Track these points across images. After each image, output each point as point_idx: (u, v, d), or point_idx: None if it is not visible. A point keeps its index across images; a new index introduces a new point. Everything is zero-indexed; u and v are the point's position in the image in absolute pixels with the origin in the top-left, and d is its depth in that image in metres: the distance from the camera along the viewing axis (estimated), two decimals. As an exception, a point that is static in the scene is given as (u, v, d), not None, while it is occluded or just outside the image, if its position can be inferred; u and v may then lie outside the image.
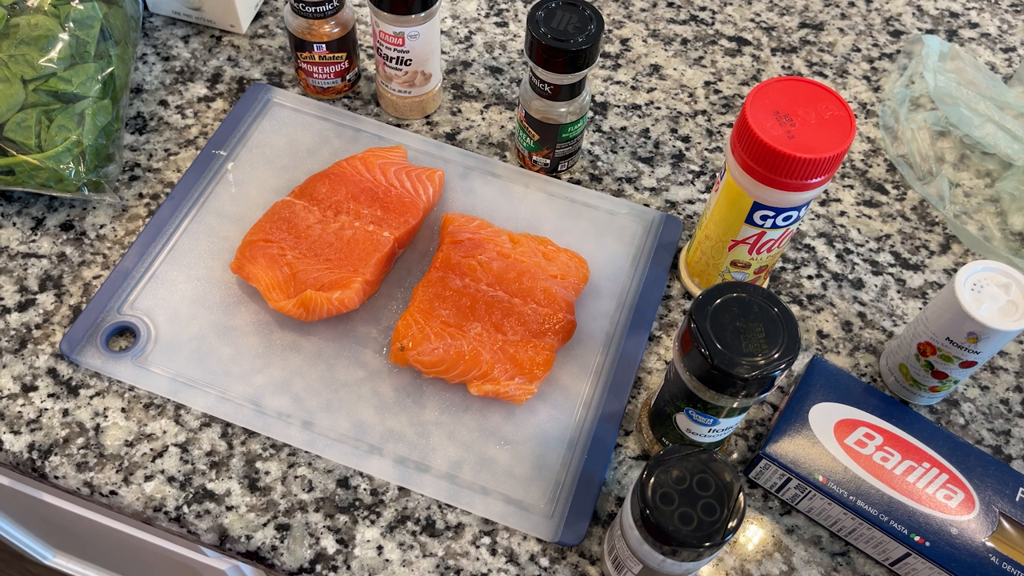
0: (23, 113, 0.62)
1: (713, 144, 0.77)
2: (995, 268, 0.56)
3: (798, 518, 0.59)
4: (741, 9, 0.87)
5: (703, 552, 0.46)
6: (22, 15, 0.63)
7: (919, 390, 0.62)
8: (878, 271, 0.70)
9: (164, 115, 0.75)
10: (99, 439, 0.59)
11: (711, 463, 0.47)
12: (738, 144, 0.55)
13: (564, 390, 0.62)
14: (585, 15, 0.63)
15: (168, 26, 0.81)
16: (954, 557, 0.53)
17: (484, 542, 0.56)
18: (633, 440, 0.61)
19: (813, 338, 0.66)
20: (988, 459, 0.57)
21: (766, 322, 0.48)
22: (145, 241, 0.66)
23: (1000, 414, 0.64)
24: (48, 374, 0.61)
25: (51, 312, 0.64)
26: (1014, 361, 0.66)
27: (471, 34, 0.83)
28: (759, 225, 0.58)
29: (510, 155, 0.75)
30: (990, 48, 0.86)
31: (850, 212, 0.73)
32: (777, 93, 0.55)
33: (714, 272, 0.64)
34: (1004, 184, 0.73)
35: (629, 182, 0.74)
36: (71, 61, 0.64)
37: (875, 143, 0.78)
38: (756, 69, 0.82)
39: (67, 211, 0.69)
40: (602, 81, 0.80)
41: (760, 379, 0.47)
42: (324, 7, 0.69)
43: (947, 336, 0.57)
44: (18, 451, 0.58)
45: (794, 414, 0.58)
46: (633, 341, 0.64)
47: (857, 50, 0.85)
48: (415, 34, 0.68)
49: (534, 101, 0.67)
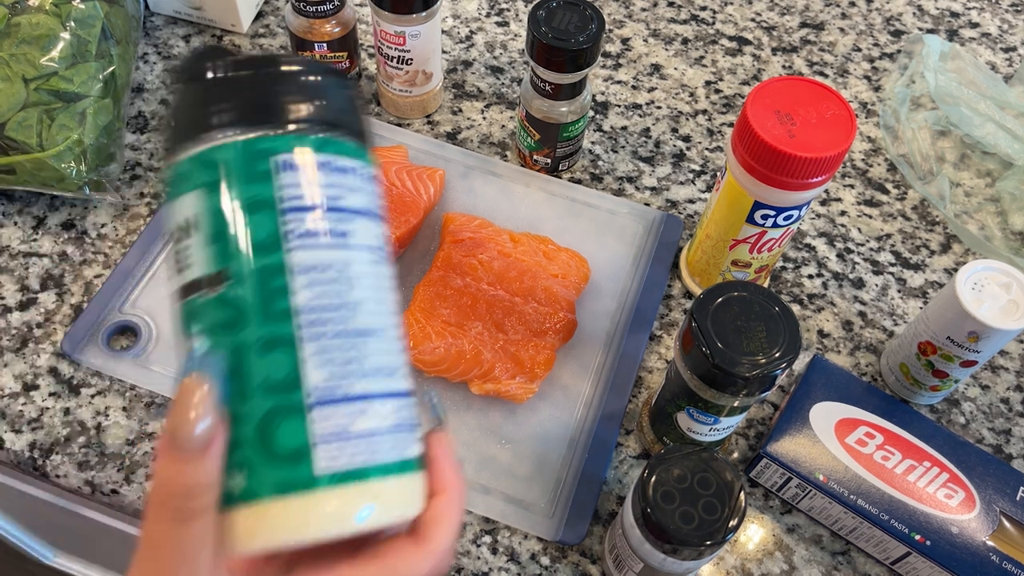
0: (24, 112, 0.62)
1: (714, 144, 0.77)
2: (996, 267, 0.56)
3: (799, 517, 0.59)
4: (742, 9, 0.87)
5: (704, 551, 0.46)
6: (23, 14, 0.63)
7: (920, 389, 0.62)
8: (879, 270, 0.70)
9: (165, 114, 0.75)
10: (100, 438, 0.59)
11: (712, 462, 0.47)
12: (739, 143, 0.55)
13: (565, 389, 0.62)
14: (586, 14, 0.63)
15: (169, 25, 0.81)
16: (955, 556, 0.53)
17: (485, 541, 0.56)
18: (634, 439, 0.61)
19: (814, 337, 0.66)
20: (989, 458, 0.57)
21: (767, 321, 0.48)
22: (146, 240, 0.66)
23: (1001, 413, 0.64)
24: (49, 373, 0.61)
25: (52, 311, 0.64)
26: (1015, 360, 0.66)
27: (472, 33, 0.83)
28: (760, 224, 0.58)
29: (511, 154, 0.75)
30: (991, 48, 0.86)
31: (851, 211, 0.73)
32: (778, 92, 0.55)
33: (715, 271, 0.64)
34: (1004, 184, 0.73)
35: (630, 181, 0.74)
36: (72, 60, 0.64)
37: (876, 143, 0.78)
38: (757, 69, 0.82)
39: (68, 210, 0.69)
40: (603, 80, 0.80)
41: (761, 378, 0.47)
42: (325, 6, 0.69)
43: (948, 335, 0.57)
44: (19, 450, 0.58)
45: (795, 413, 0.58)
46: (634, 340, 0.64)
47: (858, 50, 0.85)
48: (416, 33, 0.68)
49: (535, 100, 0.67)
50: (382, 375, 0.30)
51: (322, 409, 0.28)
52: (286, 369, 0.28)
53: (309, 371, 0.28)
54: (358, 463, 0.29)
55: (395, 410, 0.31)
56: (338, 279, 0.29)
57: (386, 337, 0.31)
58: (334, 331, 0.29)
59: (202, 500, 0.28)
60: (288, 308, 0.28)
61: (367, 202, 0.31)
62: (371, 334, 0.30)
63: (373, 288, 0.30)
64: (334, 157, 0.29)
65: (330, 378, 0.29)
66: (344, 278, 0.29)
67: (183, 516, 0.28)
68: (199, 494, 0.28)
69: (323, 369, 0.28)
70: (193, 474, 0.28)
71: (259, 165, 0.28)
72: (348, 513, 0.29)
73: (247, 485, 0.28)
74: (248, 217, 0.28)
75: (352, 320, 0.29)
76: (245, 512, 0.29)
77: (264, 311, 0.28)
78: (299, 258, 0.28)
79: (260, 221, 0.28)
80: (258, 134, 0.28)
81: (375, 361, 0.30)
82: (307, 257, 0.28)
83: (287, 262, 0.28)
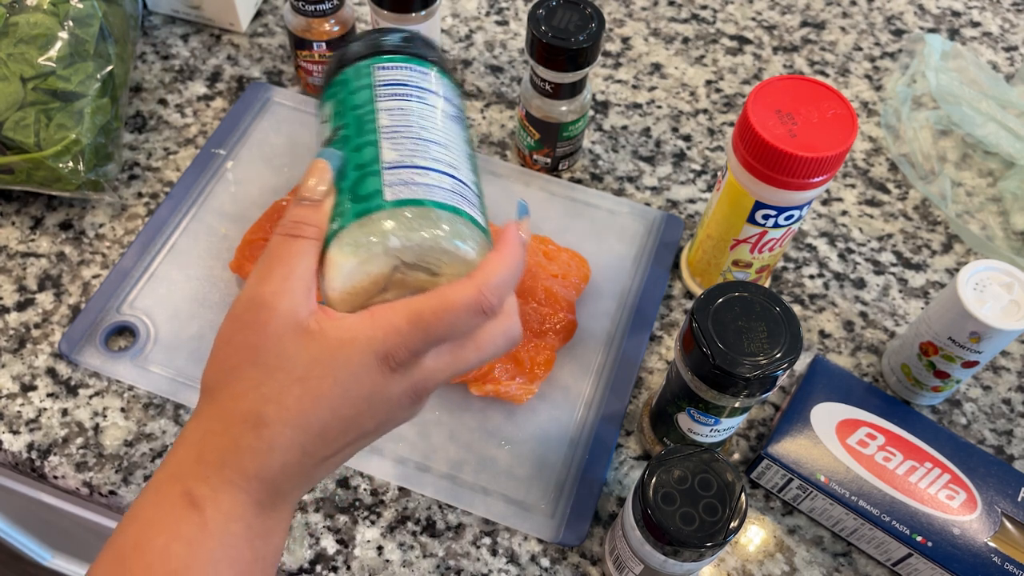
0: (22, 112, 0.62)
1: (714, 143, 0.76)
2: (997, 268, 0.56)
3: (800, 518, 0.58)
4: (742, 8, 0.87)
5: (705, 552, 0.46)
6: (21, 13, 0.63)
7: (921, 390, 0.62)
8: (880, 271, 0.70)
9: (163, 114, 0.75)
10: (98, 439, 0.59)
11: (713, 463, 0.47)
12: (740, 143, 0.55)
13: (565, 390, 0.61)
14: (586, 13, 0.63)
15: (167, 24, 0.81)
16: (956, 557, 0.53)
17: (485, 542, 0.56)
18: (634, 440, 0.61)
19: (815, 338, 0.66)
20: (990, 459, 0.57)
21: (768, 322, 0.48)
22: (144, 240, 0.66)
23: (1002, 414, 0.63)
24: (47, 374, 0.61)
25: (50, 312, 0.64)
26: (1016, 361, 0.66)
27: (471, 32, 0.83)
28: (761, 224, 0.58)
29: (511, 154, 0.74)
30: (992, 47, 0.86)
31: (852, 211, 0.73)
32: (779, 92, 0.55)
33: (716, 271, 0.64)
34: (1006, 183, 0.73)
35: (630, 181, 0.73)
36: (70, 60, 0.64)
37: (877, 142, 0.78)
38: (758, 68, 0.82)
39: (66, 210, 0.69)
40: (603, 80, 0.80)
41: (762, 379, 0.47)
42: (324, 5, 0.69)
43: (949, 336, 0.57)
44: (17, 451, 0.58)
45: (796, 414, 0.58)
46: (634, 341, 0.63)
47: (859, 49, 0.84)
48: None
49: (535, 100, 0.67)
50: (444, 163, 0.41)
51: (392, 170, 0.40)
52: (371, 155, 0.40)
53: (384, 153, 0.40)
54: (416, 195, 0.39)
55: (454, 184, 0.41)
56: (408, 113, 0.42)
57: (451, 149, 0.42)
58: (404, 135, 0.41)
59: (308, 230, 0.39)
60: (374, 127, 0.41)
61: (433, 86, 0.44)
62: (437, 143, 0.42)
63: (439, 126, 0.43)
64: (403, 64, 0.44)
65: (400, 157, 0.40)
66: (414, 114, 0.42)
67: (293, 233, 0.38)
68: (307, 224, 0.39)
69: (394, 152, 0.40)
70: (306, 213, 0.39)
71: (364, 71, 0.44)
72: (408, 227, 0.38)
73: (339, 224, 0.39)
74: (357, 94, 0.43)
75: (419, 134, 0.41)
76: (335, 242, 0.39)
77: (359, 131, 0.41)
78: (382, 105, 0.42)
79: (362, 94, 0.43)
80: (362, 61, 0.44)
81: (438, 155, 0.41)
82: (387, 104, 0.42)
83: (375, 107, 0.42)
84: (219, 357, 0.38)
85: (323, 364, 0.36)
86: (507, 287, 0.39)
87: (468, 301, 0.37)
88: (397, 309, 0.37)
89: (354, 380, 0.37)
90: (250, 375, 0.37)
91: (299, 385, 0.36)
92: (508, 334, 0.41)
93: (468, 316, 0.38)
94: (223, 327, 0.38)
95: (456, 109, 0.45)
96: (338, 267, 0.39)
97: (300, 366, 0.36)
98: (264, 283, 0.38)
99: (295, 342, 0.37)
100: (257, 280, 0.38)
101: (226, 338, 0.38)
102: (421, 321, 0.37)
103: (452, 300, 0.37)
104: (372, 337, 0.37)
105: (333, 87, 0.45)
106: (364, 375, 0.37)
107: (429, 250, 0.39)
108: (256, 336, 0.37)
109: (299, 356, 0.37)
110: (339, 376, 0.37)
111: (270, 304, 0.37)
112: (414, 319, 0.37)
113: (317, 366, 0.36)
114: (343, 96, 0.44)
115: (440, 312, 0.37)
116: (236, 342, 0.38)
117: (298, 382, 0.36)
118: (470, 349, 0.40)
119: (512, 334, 0.41)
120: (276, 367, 0.37)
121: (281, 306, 0.37)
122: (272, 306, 0.37)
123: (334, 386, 0.36)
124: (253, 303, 0.38)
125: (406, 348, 0.37)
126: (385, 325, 0.37)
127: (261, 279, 0.38)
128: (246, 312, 0.38)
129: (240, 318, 0.38)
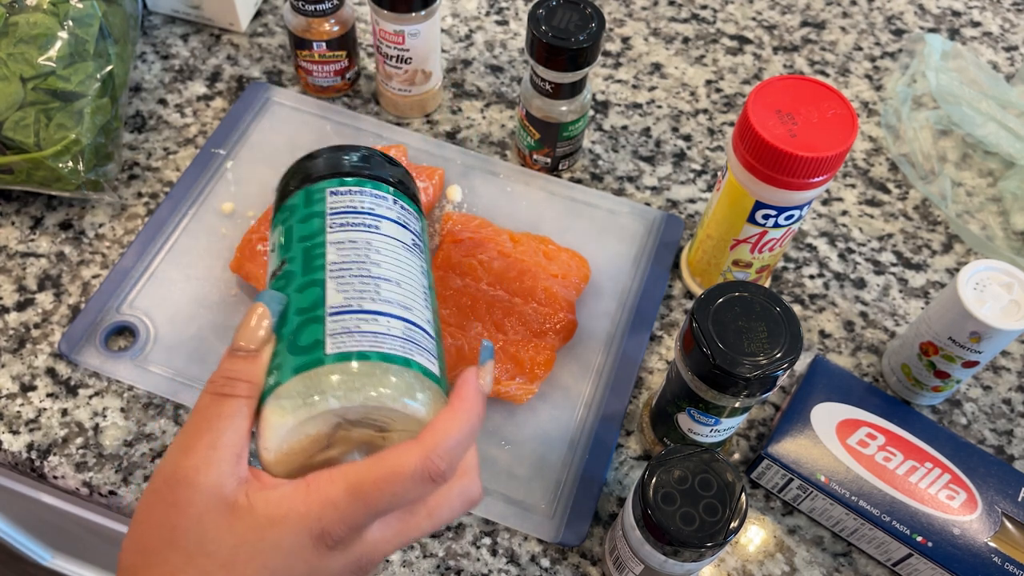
0: (22, 112, 0.62)
1: (714, 143, 0.76)
2: (998, 267, 0.56)
3: (800, 518, 0.58)
4: (742, 8, 0.87)
5: (705, 552, 0.46)
6: (21, 13, 0.63)
7: (921, 390, 0.62)
8: (880, 271, 0.70)
9: (163, 114, 0.75)
10: (98, 439, 0.59)
11: (713, 463, 0.47)
12: (740, 143, 0.55)
13: (565, 390, 0.61)
14: (586, 13, 0.63)
15: (167, 24, 0.81)
16: (956, 557, 0.53)
17: (485, 543, 0.56)
18: (634, 440, 0.61)
19: (815, 338, 0.66)
20: (990, 459, 0.57)
21: (768, 322, 0.48)
22: (144, 240, 0.66)
23: (1002, 414, 0.63)
24: (47, 374, 0.61)
25: (50, 311, 0.64)
26: (1016, 361, 0.66)
27: (471, 32, 0.83)
28: (761, 224, 0.58)
29: (511, 154, 0.74)
30: (992, 47, 0.86)
31: (852, 211, 0.73)
32: (779, 92, 0.55)
33: (716, 271, 0.64)
34: (1006, 183, 0.73)
35: (630, 181, 0.73)
36: (70, 59, 0.64)
37: (877, 142, 0.78)
38: (758, 68, 0.82)
39: (66, 210, 0.69)
40: (603, 80, 0.80)
41: (762, 379, 0.47)
42: (324, 5, 0.69)
43: (949, 336, 0.57)
44: (17, 451, 0.58)
45: (796, 414, 0.58)
46: (634, 341, 0.63)
47: (859, 49, 0.84)
48: (415, 32, 0.68)
49: (535, 100, 0.67)
50: (395, 305, 0.38)
51: (337, 316, 0.37)
52: (314, 298, 0.37)
53: (329, 296, 0.37)
54: (361, 347, 0.36)
55: (405, 329, 0.38)
56: (359, 247, 0.39)
57: (405, 286, 0.39)
58: (353, 274, 0.38)
59: (240, 387, 0.36)
60: (322, 263, 0.39)
61: (390, 212, 0.42)
62: (388, 280, 0.39)
63: (392, 260, 0.40)
64: (358, 188, 0.42)
65: (346, 300, 0.37)
66: (365, 248, 0.39)
67: (223, 392, 0.35)
68: (240, 380, 0.36)
69: (340, 294, 0.37)
70: (240, 367, 0.36)
71: (316, 196, 0.42)
72: (350, 385, 0.35)
73: (276, 379, 0.36)
74: (308, 223, 0.41)
75: (370, 271, 0.39)
76: (271, 399, 0.36)
77: (305, 267, 0.39)
78: (332, 237, 0.40)
79: (313, 223, 0.41)
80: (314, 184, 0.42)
81: (389, 295, 0.38)
82: (337, 236, 0.40)
83: (325, 240, 0.39)
84: (137, 536, 0.35)
85: (250, 547, 0.33)
86: (460, 448, 0.36)
87: (414, 469, 0.34)
88: (335, 479, 0.34)
89: (284, 564, 0.34)
90: (169, 559, 0.34)
91: (223, 572, 0.33)
92: (465, 495, 0.37)
93: (415, 485, 0.34)
94: (142, 501, 0.35)
95: (414, 235, 0.43)
96: (274, 428, 0.35)
97: (225, 550, 0.33)
98: (187, 455, 0.34)
99: (218, 523, 0.34)
100: (180, 450, 0.35)
101: (145, 515, 0.35)
102: (361, 493, 0.34)
103: (396, 468, 0.34)
104: (306, 513, 0.34)
105: (283, 212, 0.42)
106: (296, 557, 0.34)
107: (374, 409, 0.36)
108: (176, 516, 0.34)
109: (223, 539, 0.33)
110: (268, 560, 0.34)
111: (191, 480, 0.34)
112: (353, 491, 0.34)
113: (244, 549, 0.33)
114: (292, 223, 0.41)
115: (382, 483, 0.34)
116: (155, 521, 0.34)
117: (222, 568, 0.33)
118: (421, 516, 0.37)
119: (469, 495, 0.37)
120: (197, 551, 0.33)
121: (204, 482, 0.34)
122: (194, 483, 0.34)
123: (262, 571, 0.33)
124: (174, 478, 0.34)
125: (344, 524, 0.34)
126: (321, 499, 0.34)
127: (185, 449, 0.35)
128: (166, 488, 0.35)
129: (159, 493, 0.35)
